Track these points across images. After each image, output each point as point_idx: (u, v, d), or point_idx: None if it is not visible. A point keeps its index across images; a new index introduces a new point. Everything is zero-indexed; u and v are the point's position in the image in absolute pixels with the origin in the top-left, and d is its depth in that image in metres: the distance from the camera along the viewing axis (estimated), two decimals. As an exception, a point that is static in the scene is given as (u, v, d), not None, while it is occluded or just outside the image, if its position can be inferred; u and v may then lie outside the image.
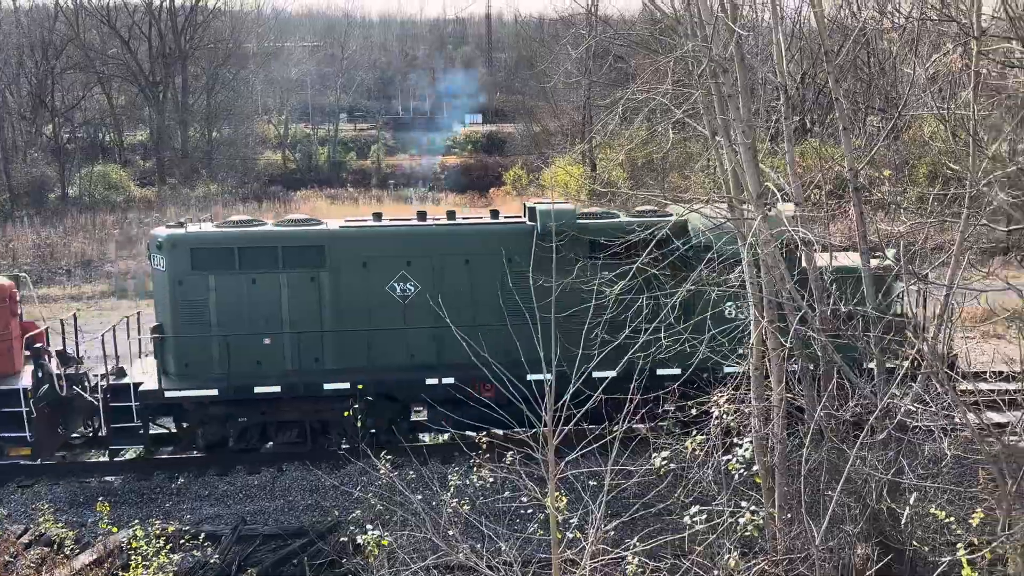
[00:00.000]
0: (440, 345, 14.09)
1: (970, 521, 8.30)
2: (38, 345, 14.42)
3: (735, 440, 9.51)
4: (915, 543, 8.73)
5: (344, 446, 14.69)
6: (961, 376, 9.74)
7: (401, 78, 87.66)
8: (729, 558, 8.07)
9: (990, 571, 7.89)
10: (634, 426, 8.89)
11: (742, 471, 9.30)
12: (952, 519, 8.49)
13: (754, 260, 9.60)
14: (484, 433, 8.80)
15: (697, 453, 9.23)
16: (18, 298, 15.72)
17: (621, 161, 32.44)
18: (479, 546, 8.05)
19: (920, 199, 17.93)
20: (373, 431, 14.51)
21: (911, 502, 8.74)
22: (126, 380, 14.85)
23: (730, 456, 9.29)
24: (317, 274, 14.42)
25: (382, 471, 9.17)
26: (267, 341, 14.36)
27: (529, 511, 10.51)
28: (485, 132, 69.60)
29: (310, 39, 78.72)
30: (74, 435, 15.80)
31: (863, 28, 15.31)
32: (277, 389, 13.89)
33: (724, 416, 9.15)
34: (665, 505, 8.57)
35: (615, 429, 7.33)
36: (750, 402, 9.42)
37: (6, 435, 14.36)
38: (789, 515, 8.90)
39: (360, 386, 14.32)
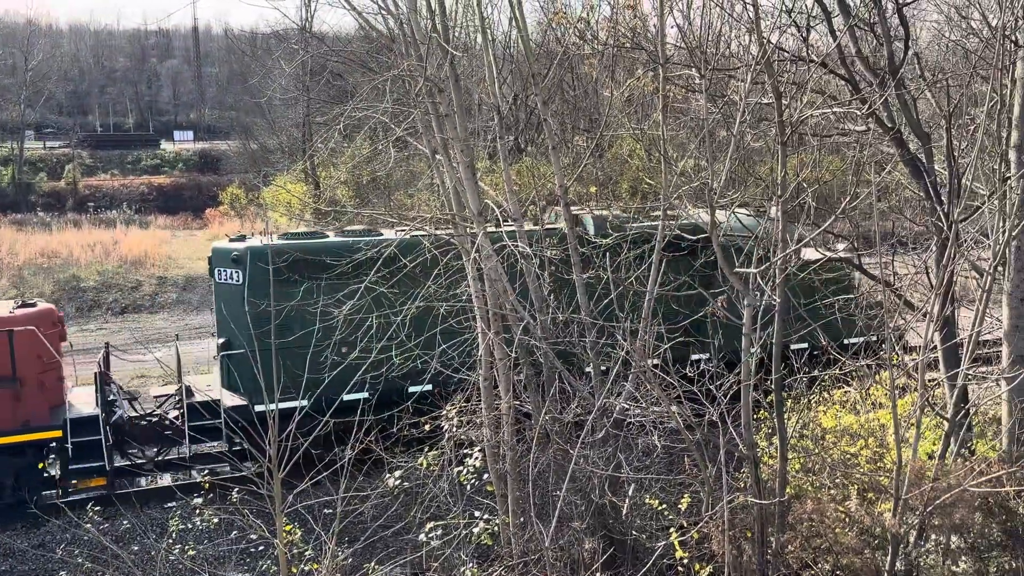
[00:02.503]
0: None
1: (679, 506, 9.07)
2: (98, 371, 14.17)
3: (466, 451, 9.68)
4: (635, 532, 9.38)
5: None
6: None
7: (99, 92, 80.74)
8: (465, 569, 8.16)
9: (698, 549, 8.65)
10: (370, 447, 8.76)
11: (474, 481, 9.47)
12: (664, 506, 9.24)
13: (479, 274, 9.85)
14: (206, 472, 8.20)
15: (433, 468, 9.28)
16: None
17: (345, 179, 32.10)
18: (206, 593, 7.48)
19: (625, 212, 19.47)
20: None
21: (630, 494, 9.39)
22: (199, 399, 14.40)
23: (461, 467, 9.43)
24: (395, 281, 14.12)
25: (88, 526, 8.24)
26: (343, 350, 13.47)
27: (260, 548, 9.98)
28: (197, 150, 65.91)
29: (-15, 47, 70.01)
30: (141, 460, 15.13)
31: (566, 53, 16.35)
32: (366, 395, 13.29)
33: (455, 428, 9.28)
34: (403, 524, 8.50)
35: (346, 453, 7.15)
36: (481, 412, 9.64)
37: (84, 466, 13.65)
38: (522, 519, 9.20)
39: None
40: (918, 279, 11.97)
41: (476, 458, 9.47)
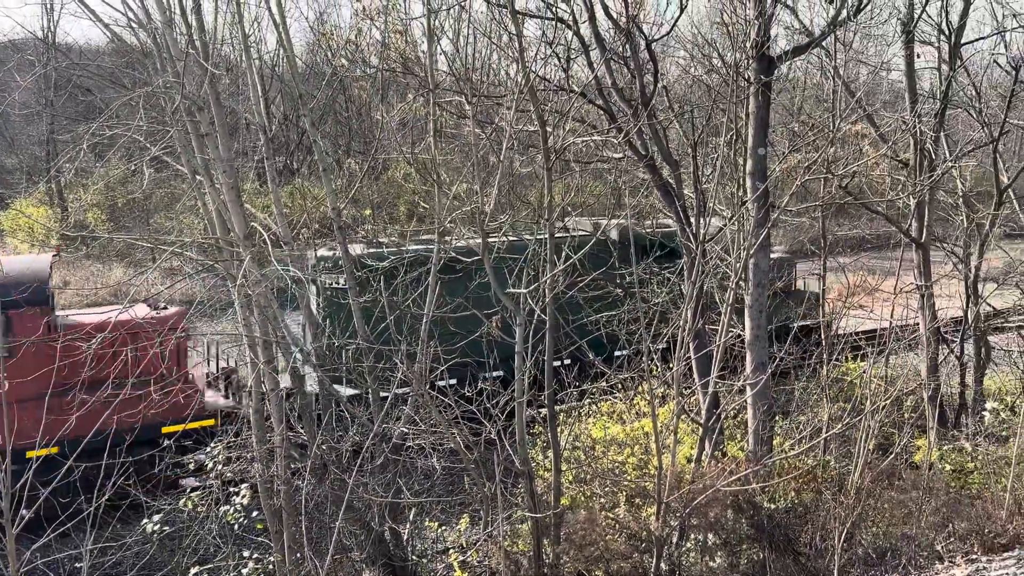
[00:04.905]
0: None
1: (459, 526, 9.12)
2: (225, 366, 15.35)
3: (235, 489, 9.19)
4: (416, 557, 9.31)
5: None
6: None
7: None
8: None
9: (479, 568, 8.73)
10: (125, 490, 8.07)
11: (242, 520, 9.00)
12: (445, 528, 9.25)
13: (247, 301, 9.42)
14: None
15: (199, 509, 8.71)
16: None
17: (97, 202, 29.74)
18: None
19: (402, 235, 19.51)
20: None
21: (411, 519, 9.31)
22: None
23: (227, 506, 8.93)
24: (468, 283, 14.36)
25: None
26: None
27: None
28: (-83, 169, 58.38)
29: None
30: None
31: (335, 74, 16.16)
32: (454, 381, 12.59)
33: (221, 465, 8.78)
34: (165, 571, 7.90)
35: (101, 499, 6.52)
36: (252, 446, 9.19)
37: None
38: (299, 555, 8.84)
39: None
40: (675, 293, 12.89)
41: (244, 496, 9.00)
